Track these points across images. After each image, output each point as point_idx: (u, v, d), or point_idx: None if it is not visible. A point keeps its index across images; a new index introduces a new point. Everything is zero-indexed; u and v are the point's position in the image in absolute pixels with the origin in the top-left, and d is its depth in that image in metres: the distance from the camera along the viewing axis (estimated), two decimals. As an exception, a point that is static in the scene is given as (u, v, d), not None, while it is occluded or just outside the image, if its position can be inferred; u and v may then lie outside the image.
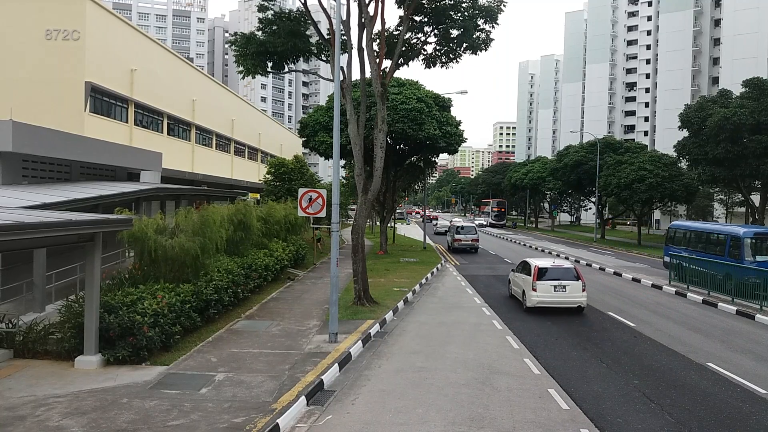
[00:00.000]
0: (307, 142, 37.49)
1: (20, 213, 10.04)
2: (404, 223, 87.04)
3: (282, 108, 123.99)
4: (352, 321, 15.27)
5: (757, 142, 32.86)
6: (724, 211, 56.11)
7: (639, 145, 64.00)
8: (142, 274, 12.95)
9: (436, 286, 23.25)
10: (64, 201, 13.60)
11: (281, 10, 20.49)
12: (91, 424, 8.02)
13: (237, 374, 10.47)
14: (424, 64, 21.88)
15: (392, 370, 11.19)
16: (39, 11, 26.94)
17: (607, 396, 9.83)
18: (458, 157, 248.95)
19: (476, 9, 19.82)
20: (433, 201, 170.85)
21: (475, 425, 8.37)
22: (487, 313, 17.44)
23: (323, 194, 18.92)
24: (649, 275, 26.95)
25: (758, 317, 16.84)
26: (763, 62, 62.52)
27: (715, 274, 20.47)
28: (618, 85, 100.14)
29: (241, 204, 19.89)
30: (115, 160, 21.08)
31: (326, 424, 8.45)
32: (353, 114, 18.50)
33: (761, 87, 34.36)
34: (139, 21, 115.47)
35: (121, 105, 31.12)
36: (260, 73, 20.73)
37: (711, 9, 78.25)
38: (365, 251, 19.32)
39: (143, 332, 10.77)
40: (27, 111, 23.00)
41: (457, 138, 34.93)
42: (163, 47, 37.43)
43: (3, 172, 15.40)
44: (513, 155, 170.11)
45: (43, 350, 11.12)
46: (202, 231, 14.09)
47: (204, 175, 38.41)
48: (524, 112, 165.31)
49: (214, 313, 14.42)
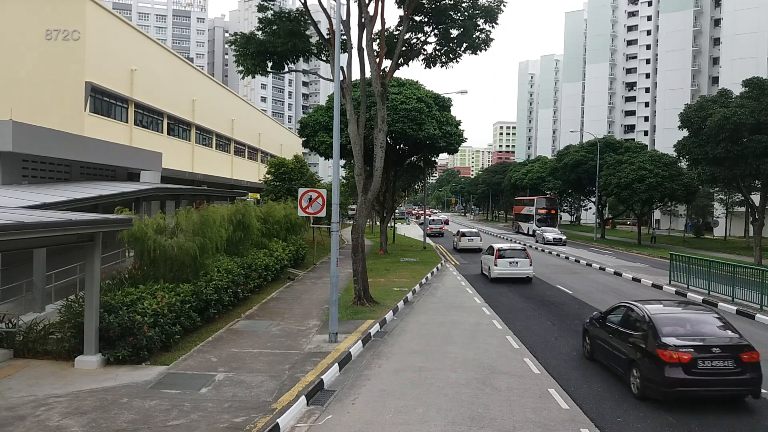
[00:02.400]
0: (307, 142, 37.49)
1: (20, 213, 10.04)
2: (404, 222, 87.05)
3: (282, 108, 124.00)
4: (352, 321, 15.27)
5: (757, 142, 32.84)
6: (724, 211, 56.10)
7: (639, 144, 64.02)
8: (142, 274, 12.95)
9: (436, 285, 23.25)
10: (64, 201, 13.60)
11: (281, 10, 20.49)
12: (91, 424, 8.02)
13: (237, 374, 10.47)
14: (424, 64, 21.88)
15: (392, 369, 11.19)
16: (39, 11, 26.95)
17: (607, 396, 9.82)
18: (458, 156, 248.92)
19: (476, 9, 19.82)
20: (433, 201, 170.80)
21: (475, 425, 8.36)
22: (488, 312, 17.44)
23: (323, 194, 18.94)
24: (649, 275, 26.95)
25: (758, 317, 16.84)
26: (763, 62, 62.50)
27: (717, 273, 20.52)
28: (618, 85, 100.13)
29: (240, 204, 19.88)
30: (115, 160, 21.08)
31: (326, 423, 8.45)
32: (353, 114, 18.50)
33: (761, 87, 34.34)
34: (139, 21, 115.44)
35: (121, 105, 31.12)
36: (260, 73, 20.74)
37: (711, 9, 78.25)
38: (365, 251, 19.32)
39: (143, 332, 10.76)
40: (27, 111, 22.99)
41: (457, 138, 34.93)
42: (163, 47, 37.43)
43: (3, 172, 15.40)
44: (513, 155, 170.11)
45: (43, 350, 11.12)
46: (202, 231, 14.10)
47: (204, 175, 38.40)
48: (524, 112, 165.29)
49: (214, 313, 14.42)
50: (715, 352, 9.07)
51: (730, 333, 9.62)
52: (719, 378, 9.02)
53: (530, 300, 19.94)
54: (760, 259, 33.61)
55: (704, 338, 9.41)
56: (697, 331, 9.64)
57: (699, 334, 9.54)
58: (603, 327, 11.42)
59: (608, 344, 10.99)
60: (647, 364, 9.37)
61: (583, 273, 28.63)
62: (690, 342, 9.21)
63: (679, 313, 10.49)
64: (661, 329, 9.49)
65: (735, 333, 9.59)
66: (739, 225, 61.12)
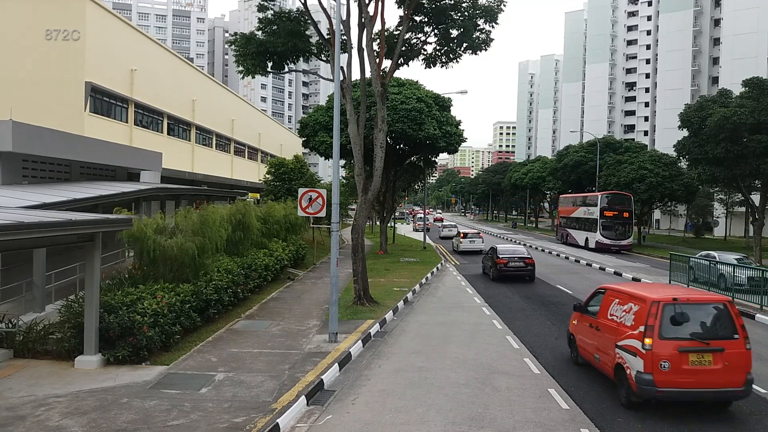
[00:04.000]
0: (307, 142, 37.49)
1: (20, 213, 10.04)
2: (404, 222, 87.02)
3: (282, 108, 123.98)
4: (352, 321, 15.27)
5: (757, 142, 32.82)
6: (724, 211, 56.09)
7: (639, 144, 64.02)
8: (142, 274, 12.94)
9: (436, 285, 23.26)
10: (64, 201, 13.61)
11: (281, 10, 20.49)
12: (91, 424, 8.02)
13: (237, 374, 10.47)
14: (424, 64, 21.88)
15: (392, 369, 11.18)
16: (39, 11, 26.95)
17: (607, 396, 9.81)
18: (458, 156, 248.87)
19: (476, 9, 19.82)
20: (433, 201, 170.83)
21: (475, 425, 8.36)
22: (487, 312, 17.44)
23: (323, 194, 18.91)
24: (649, 274, 26.94)
25: (758, 317, 16.84)
26: (762, 62, 62.50)
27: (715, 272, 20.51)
28: (618, 85, 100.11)
29: (240, 204, 19.89)
30: (115, 160, 21.08)
31: (326, 423, 8.44)
32: (353, 114, 18.50)
33: (761, 87, 34.32)
34: (139, 21, 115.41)
35: (121, 105, 31.12)
36: (260, 73, 20.74)
37: (711, 9, 78.24)
38: (365, 251, 19.31)
39: (143, 332, 10.76)
40: (27, 111, 22.98)
41: (457, 138, 34.94)
42: (163, 47, 37.44)
43: (3, 172, 15.40)
44: (513, 155, 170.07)
45: (43, 350, 11.12)
46: (202, 231, 14.10)
47: (204, 175, 38.41)
48: (524, 112, 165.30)
49: (213, 312, 14.42)
50: (515, 259, 24.13)
51: (525, 253, 24.86)
52: (517, 270, 24.01)
53: (530, 300, 19.94)
54: (760, 259, 33.60)
55: (514, 254, 24.53)
56: (512, 252, 25.02)
57: (513, 253, 24.85)
58: (485, 256, 27.27)
59: (485, 262, 26.73)
60: (495, 265, 24.18)
61: (583, 273, 28.64)
62: (508, 255, 24.51)
63: (509, 246, 27.28)
64: (498, 252, 24.84)
65: (527, 254, 24.87)
66: (739, 225, 61.10)
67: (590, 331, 10.73)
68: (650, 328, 8.63)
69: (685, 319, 8.66)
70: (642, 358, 8.60)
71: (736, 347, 8.56)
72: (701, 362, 8.45)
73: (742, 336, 8.66)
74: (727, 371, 8.43)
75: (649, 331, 8.63)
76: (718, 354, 8.47)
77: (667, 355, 8.44)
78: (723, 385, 8.45)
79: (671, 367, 8.41)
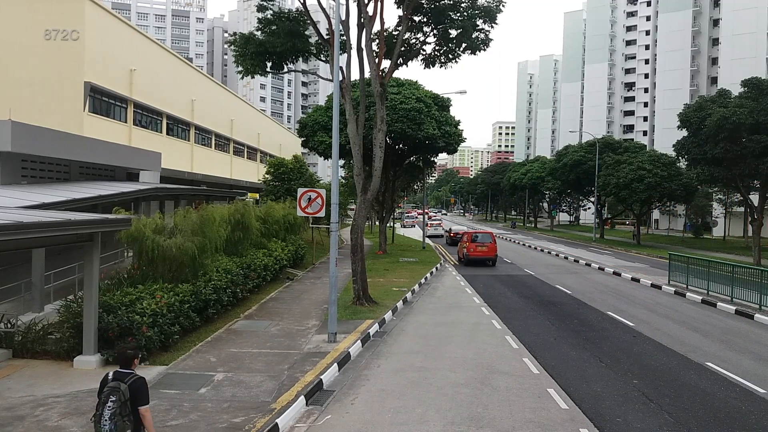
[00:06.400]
0: (306, 142, 37.50)
1: (19, 213, 10.03)
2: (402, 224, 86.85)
3: (281, 108, 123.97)
4: (351, 321, 15.27)
5: (756, 142, 32.86)
6: (722, 211, 56.14)
7: (638, 144, 64.09)
8: (141, 274, 12.94)
9: (436, 285, 23.26)
10: (63, 201, 13.59)
11: (280, 10, 20.48)
12: (90, 424, 8.00)
13: (236, 374, 10.46)
14: (423, 64, 21.88)
15: (391, 369, 11.18)
16: (38, 11, 26.89)
17: (606, 395, 9.82)
18: (457, 156, 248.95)
19: (475, 9, 19.83)
20: (432, 201, 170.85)
21: (474, 425, 8.36)
22: (487, 312, 17.45)
23: (322, 194, 18.94)
24: (648, 275, 26.96)
25: (757, 317, 16.85)
26: (761, 62, 62.60)
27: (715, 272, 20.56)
28: (617, 85, 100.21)
29: (240, 204, 19.87)
30: (114, 160, 21.06)
31: (325, 424, 8.44)
32: (352, 114, 18.49)
33: (760, 87, 34.37)
34: (138, 21, 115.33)
35: (120, 105, 31.08)
36: (259, 73, 20.73)
37: (710, 9, 78.33)
38: (364, 251, 19.31)
39: (142, 332, 10.75)
40: (26, 111, 22.94)
41: (456, 138, 34.95)
42: (163, 47, 37.39)
43: (2, 172, 15.39)
44: (512, 155, 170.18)
45: (41, 350, 11.10)
46: (201, 231, 14.08)
47: (203, 175, 38.38)
48: (523, 112, 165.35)
49: (213, 313, 14.42)
50: (480, 242, 31.76)
51: (491, 239, 32.06)
52: (481, 252, 31.44)
53: (529, 300, 19.95)
54: (759, 259, 33.63)
55: (478, 236, 32.98)
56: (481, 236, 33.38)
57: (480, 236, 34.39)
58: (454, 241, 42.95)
59: (459, 247, 34.28)
60: (465, 249, 32.23)
61: (582, 273, 28.66)
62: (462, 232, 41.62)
63: (478, 231, 37.22)
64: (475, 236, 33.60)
65: (492, 240, 31.92)
66: (738, 225, 61.16)
67: (461, 245, 32.92)
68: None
69: (477, 238, 31.61)
70: (466, 250, 31.26)
71: (492, 245, 30.83)
72: (481, 249, 30.88)
73: (494, 242, 31.42)
74: (490, 251, 30.81)
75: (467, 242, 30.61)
76: (486, 245, 30.99)
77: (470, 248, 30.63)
78: (488, 254, 30.73)
79: (473, 251, 30.85)
